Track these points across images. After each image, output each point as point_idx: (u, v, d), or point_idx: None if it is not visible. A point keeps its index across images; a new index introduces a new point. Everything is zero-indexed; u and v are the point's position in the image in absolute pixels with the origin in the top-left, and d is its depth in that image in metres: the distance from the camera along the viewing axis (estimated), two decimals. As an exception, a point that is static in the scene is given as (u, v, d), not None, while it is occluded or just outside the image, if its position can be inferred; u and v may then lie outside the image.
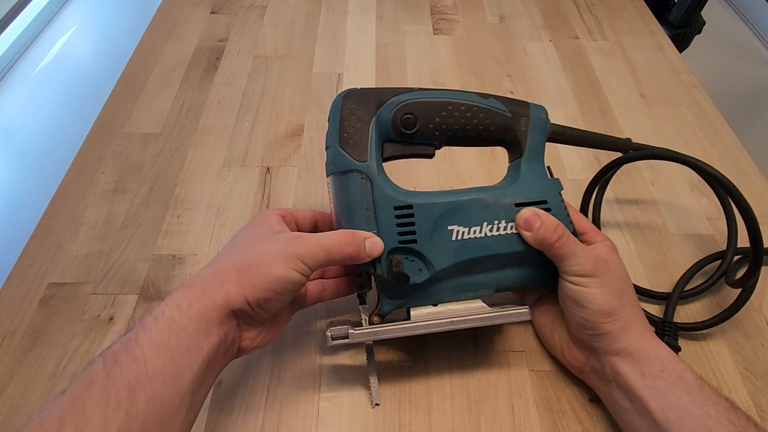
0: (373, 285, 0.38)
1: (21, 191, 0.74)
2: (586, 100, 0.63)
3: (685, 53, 0.99)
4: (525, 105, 0.39)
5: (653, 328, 0.37)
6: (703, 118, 0.61)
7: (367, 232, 0.35)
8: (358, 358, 0.41)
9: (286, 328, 0.42)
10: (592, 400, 0.39)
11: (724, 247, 0.44)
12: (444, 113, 0.37)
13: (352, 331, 0.36)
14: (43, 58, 0.95)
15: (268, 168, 0.56)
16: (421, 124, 0.37)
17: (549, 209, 0.37)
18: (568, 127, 0.40)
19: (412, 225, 0.36)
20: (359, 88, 0.38)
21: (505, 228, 0.37)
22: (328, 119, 0.37)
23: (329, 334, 0.36)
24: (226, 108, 0.62)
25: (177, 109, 0.62)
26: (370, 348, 0.39)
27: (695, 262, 0.46)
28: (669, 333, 0.41)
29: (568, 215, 0.38)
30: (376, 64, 0.68)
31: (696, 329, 0.42)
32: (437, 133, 0.38)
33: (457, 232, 0.36)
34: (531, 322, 0.43)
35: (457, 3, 0.79)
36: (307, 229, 0.40)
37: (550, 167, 0.39)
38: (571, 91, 0.64)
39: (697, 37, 1.00)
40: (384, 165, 0.37)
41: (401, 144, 0.38)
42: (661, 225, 0.50)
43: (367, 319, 0.38)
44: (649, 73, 0.67)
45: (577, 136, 0.41)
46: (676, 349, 0.40)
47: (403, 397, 0.39)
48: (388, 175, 0.37)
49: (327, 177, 0.37)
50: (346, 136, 0.36)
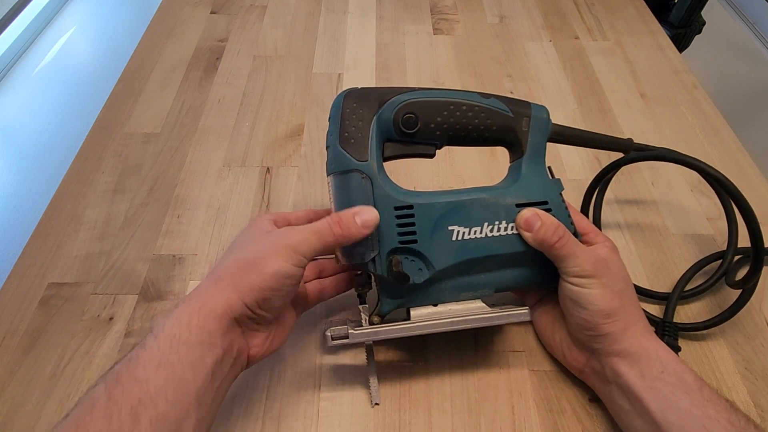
0: (373, 285, 0.38)
1: (21, 191, 0.74)
2: (586, 100, 0.63)
3: (685, 53, 0.99)
4: (526, 105, 0.39)
5: (653, 329, 0.37)
6: (703, 118, 0.61)
7: (356, 207, 0.34)
8: (358, 358, 0.41)
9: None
10: (592, 400, 0.39)
11: (725, 247, 0.44)
12: (445, 113, 0.37)
13: (352, 331, 0.36)
14: (43, 58, 0.94)
15: (268, 168, 0.56)
16: (422, 124, 0.37)
17: (550, 210, 0.37)
18: (569, 127, 0.40)
19: (413, 225, 0.36)
20: (360, 87, 0.37)
21: (505, 228, 0.37)
22: (329, 118, 0.37)
23: (329, 334, 0.36)
24: (226, 108, 0.62)
25: (177, 109, 0.62)
26: (370, 348, 0.38)
27: (695, 262, 0.46)
28: (669, 333, 0.41)
29: (569, 216, 0.38)
30: (376, 64, 0.68)
31: (696, 329, 0.42)
32: (438, 132, 0.38)
33: (458, 232, 0.36)
34: (531, 323, 0.43)
35: (457, 3, 0.79)
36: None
37: (551, 167, 0.39)
38: (571, 91, 0.64)
39: (697, 37, 1.01)
40: (384, 165, 0.37)
41: (402, 144, 0.37)
42: (661, 225, 0.50)
43: (367, 319, 0.37)
44: (649, 73, 0.67)
45: (579, 137, 0.41)
46: (676, 350, 0.40)
47: (403, 397, 0.39)
48: (389, 175, 0.37)
49: (327, 176, 0.37)
50: (346, 135, 0.36)
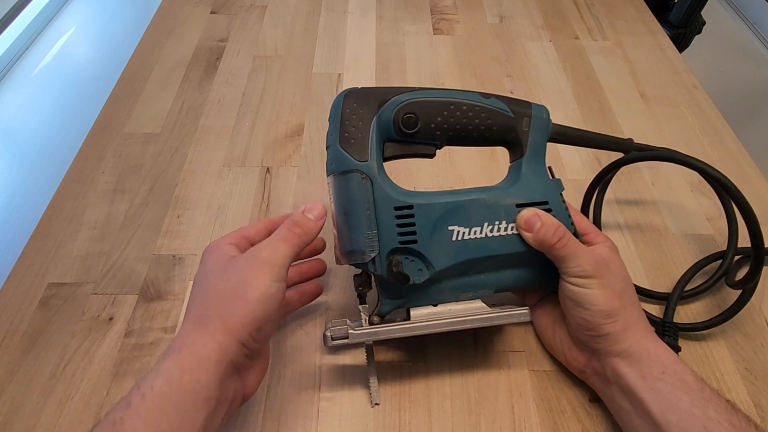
0: (373, 285, 0.38)
1: (21, 191, 0.74)
2: (586, 100, 0.63)
3: (685, 53, 0.99)
4: (527, 105, 0.39)
5: (654, 329, 0.37)
6: (703, 118, 0.61)
7: (303, 206, 0.36)
8: (358, 358, 0.41)
9: (286, 330, 0.43)
10: (592, 400, 0.39)
11: (725, 247, 0.44)
12: (446, 113, 0.37)
13: (352, 331, 0.36)
14: (43, 58, 0.94)
15: (268, 168, 0.56)
16: (422, 124, 0.37)
17: (550, 210, 0.37)
18: (569, 127, 0.40)
19: (413, 225, 0.36)
20: (360, 87, 0.37)
21: (505, 228, 0.37)
22: (329, 118, 0.37)
23: (329, 334, 0.36)
24: (226, 108, 0.62)
25: (177, 109, 0.62)
26: (370, 348, 0.38)
27: (695, 262, 0.46)
28: (669, 333, 0.41)
29: (569, 216, 0.38)
30: (376, 64, 0.68)
31: (696, 329, 0.42)
32: (439, 132, 0.37)
33: (458, 232, 0.36)
34: (531, 323, 0.42)
35: (457, 3, 0.79)
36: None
37: (551, 167, 0.39)
38: (571, 91, 0.64)
39: (697, 37, 1.00)
40: (384, 165, 0.37)
41: (402, 144, 0.37)
42: (661, 225, 0.50)
43: (367, 319, 0.37)
44: (649, 73, 0.67)
45: (579, 137, 0.41)
46: (676, 350, 0.40)
47: (403, 397, 0.39)
48: (389, 175, 0.37)
49: (327, 177, 0.37)
50: (346, 135, 0.36)
